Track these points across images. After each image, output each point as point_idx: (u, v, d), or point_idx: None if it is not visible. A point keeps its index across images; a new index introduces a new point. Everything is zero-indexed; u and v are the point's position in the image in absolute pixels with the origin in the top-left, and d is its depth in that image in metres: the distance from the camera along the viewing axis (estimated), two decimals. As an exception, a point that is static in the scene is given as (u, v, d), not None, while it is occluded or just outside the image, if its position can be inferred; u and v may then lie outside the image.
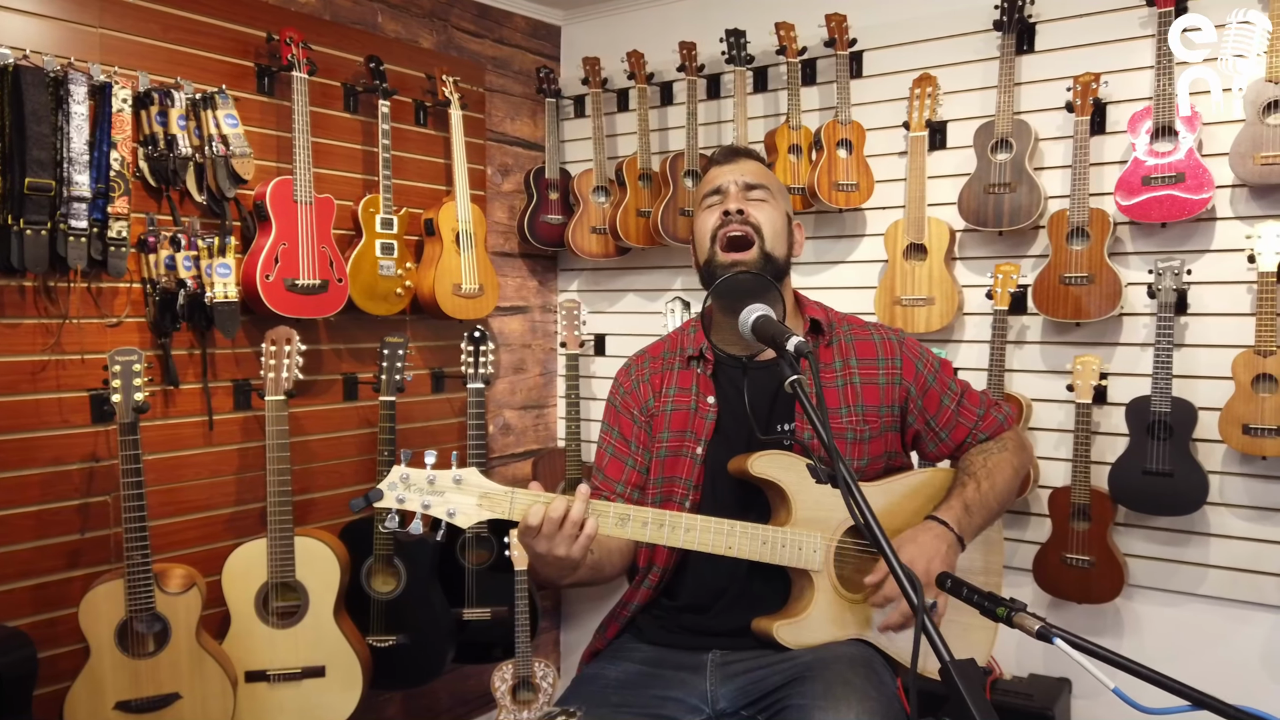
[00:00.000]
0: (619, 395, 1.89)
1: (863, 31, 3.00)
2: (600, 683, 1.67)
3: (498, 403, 3.61)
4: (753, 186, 1.79)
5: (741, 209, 1.75)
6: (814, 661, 1.56)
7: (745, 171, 1.81)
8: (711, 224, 1.78)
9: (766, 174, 1.85)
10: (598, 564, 1.68)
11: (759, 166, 1.85)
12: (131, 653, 2.33)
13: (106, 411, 2.40)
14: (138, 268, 2.52)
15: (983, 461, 1.79)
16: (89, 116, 2.33)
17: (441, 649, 2.96)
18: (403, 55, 3.18)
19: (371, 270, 2.95)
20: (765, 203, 1.78)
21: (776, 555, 1.60)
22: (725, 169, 1.82)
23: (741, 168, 1.82)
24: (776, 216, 1.79)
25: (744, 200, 1.77)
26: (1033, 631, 1.14)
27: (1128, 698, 1.10)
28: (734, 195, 1.78)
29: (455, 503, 1.43)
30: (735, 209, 1.75)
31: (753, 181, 1.79)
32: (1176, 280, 2.50)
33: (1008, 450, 1.83)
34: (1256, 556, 2.54)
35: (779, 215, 1.80)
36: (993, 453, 1.82)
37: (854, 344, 1.83)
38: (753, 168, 1.83)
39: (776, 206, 1.80)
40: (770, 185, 1.82)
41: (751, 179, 1.80)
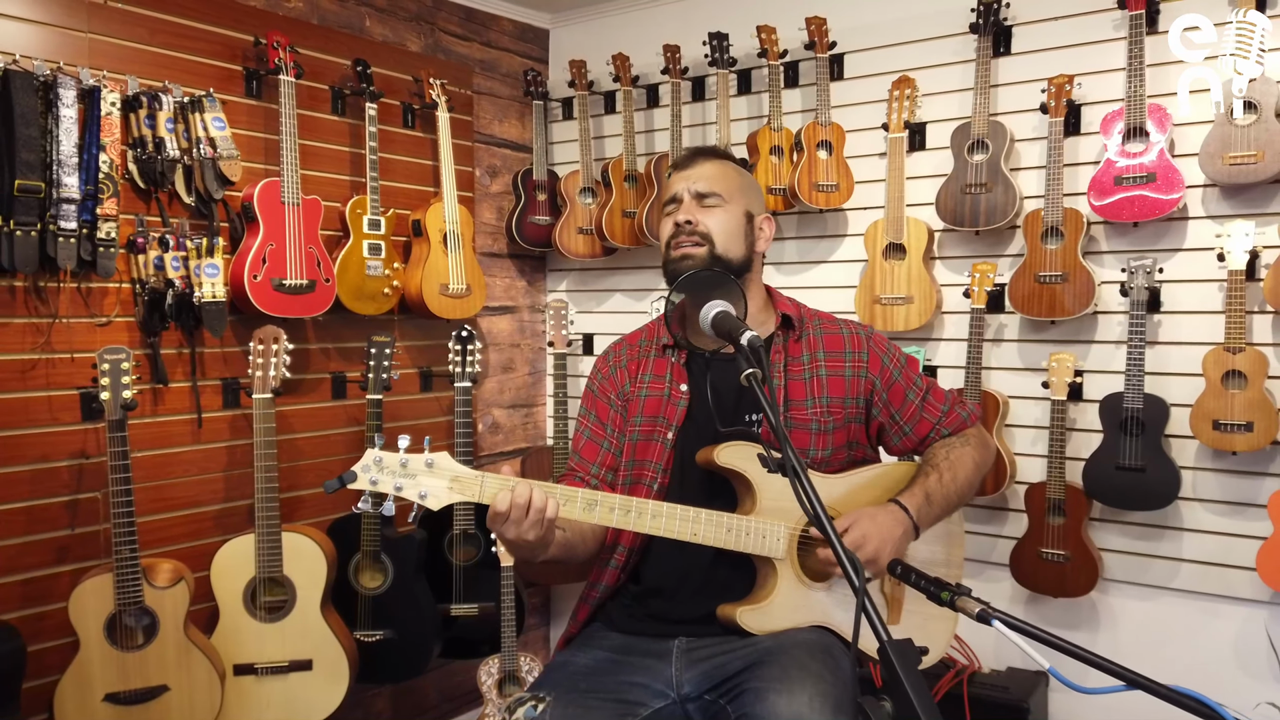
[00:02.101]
0: (596, 380, 1.94)
1: (842, 34, 3.04)
2: (569, 669, 1.71)
3: (486, 401, 3.65)
4: (704, 195, 1.81)
5: (691, 219, 1.79)
6: (773, 647, 1.60)
7: (700, 177, 1.83)
8: (666, 233, 1.84)
9: (722, 175, 1.85)
10: (569, 543, 1.72)
11: (715, 168, 1.85)
12: (120, 646, 2.37)
13: (95, 409, 2.45)
14: (127, 268, 2.57)
15: (945, 454, 1.83)
16: (78, 120, 2.38)
17: (427, 644, 3.00)
18: (390, 58, 3.23)
19: (359, 270, 2.99)
20: (717, 208, 1.81)
21: (741, 543, 1.64)
22: (681, 175, 1.85)
23: (697, 173, 1.83)
24: (729, 219, 1.81)
25: (695, 209, 1.80)
26: (973, 614, 1.18)
27: (1064, 678, 1.14)
28: (685, 205, 1.82)
29: (427, 485, 1.47)
30: (684, 220, 1.79)
31: (704, 190, 1.81)
32: (1149, 279, 2.54)
33: (970, 445, 1.88)
34: (1227, 550, 2.58)
35: (732, 217, 1.81)
36: (955, 446, 1.86)
37: (822, 337, 1.87)
38: (708, 171, 1.84)
39: (730, 209, 1.82)
40: (723, 190, 1.82)
41: (704, 186, 1.81)
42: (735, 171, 1.89)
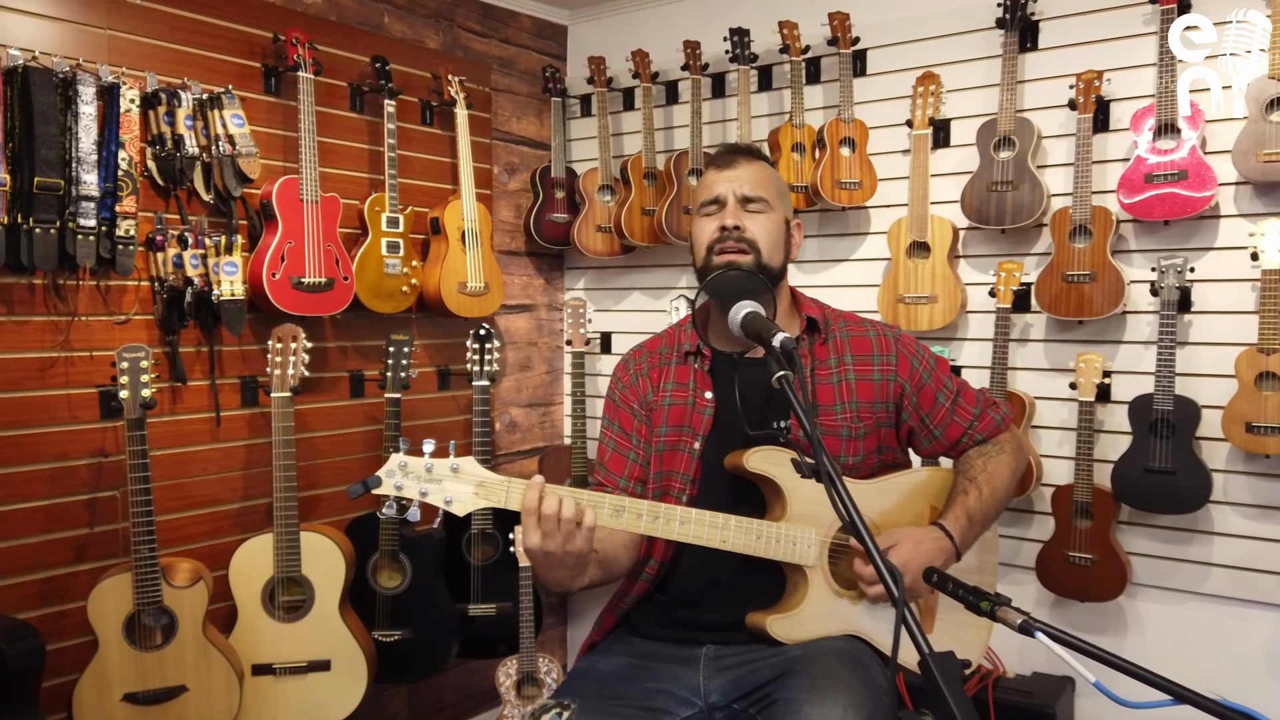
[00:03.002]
0: (618, 390, 1.89)
1: (866, 30, 3.00)
2: (594, 675, 1.68)
3: (504, 400, 3.63)
4: (750, 199, 1.75)
5: (738, 224, 1.72)
6: (803, 655, 1.56)
7: (744, 180, 1.76)
8: (708, 235, 1.75)
9: (766, 179, 1.80)
10: (605, 561, 1.68)
11: (758, 170, 1.80)
12: (139, 645, 2.36)
13: (114, 407, 2.44)
14: (145, 266, 2.56)
15: (982, 465, 1.79)
16: (97, 117, 2.36)
17: (445, 644, 2.99)
18: (408, 55, 3.20)
19: (377, 268, 2.97)
20: (762, 214, 1.75)
21: (770, 550, 1.61)
22: (723, 175, 1.77)
23: (740, 174, 1.77)
24: (773, 227, 1.76)
25: (741, 214, 1.74)
26: (1015, 625, 1.15)
27: (1109, 691, 1.11)
28: (731, 210, 1.74)
29: (452, 490, 1.45)
30: (732, 224, 1.72)
31: (750, 193, 1.75)
32: (1179, 278, 2.50)
33: (1005, 454, 1.83)
34: (1258, 555, 2.53)
35: (776, 226, 1.77)
36: (991, 456, 1.82)
37: (849, 340, 1.83)
38: (751, 173, 1.78)
39: (774, 216, 1.77)
40: (768, 195, 1.77)
41: (750, 190, 1.75)
42: (775, 175, 1.84)
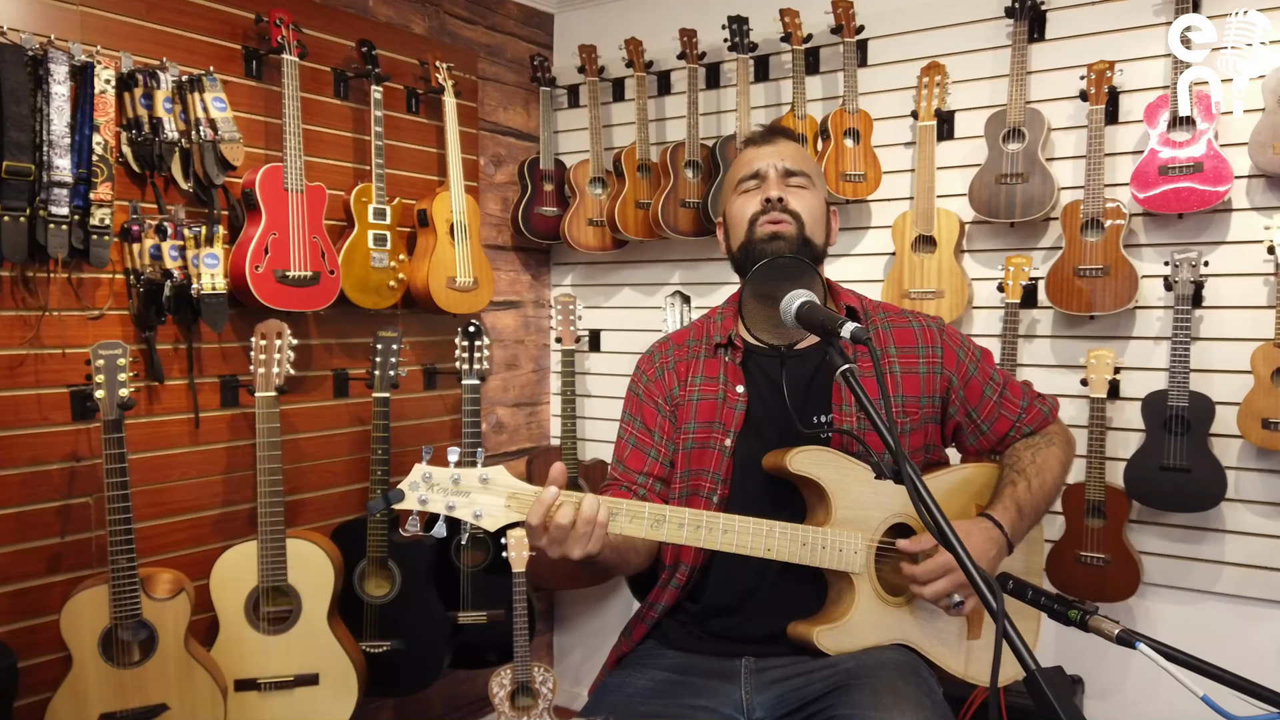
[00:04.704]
0: (641, 383, 1.80)
1: (870, 18, 2.93)
2: (627, 691, 1.58)
3: (490, 400, 3.51)
4: (792, 173, 1.72)
5: (782, 197, 1.68)
6: (858, 669, 1.48)
7: (785, 155, 1.73)
8: (750, 210, 1.71)
9: (805, 157, 1.78)
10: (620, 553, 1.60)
11: (798, 149, 1.78)
12: (116, 662, 2.21)
13: (89, 408, 2.27)
14: (120, 257, 2.40)
15: (1031, 457, 1.72)
16: (70, 98, 2.21)
17: (437, 654, 2.86)
18: (394, 40, 3.07)
19: (364, 262, 2.84)
20: (805, 189, 1.72)
21: (817, 557, 1.52)
22: (764, 150, 1.74)
23: (780, 150, 1.74)
24: (816, 204, 1.72)
25: (784, 188, 1.70)
26: (1112, 636, 1.08)
27: (1218, 706, 1.04)
28: (774, 182, 1.71)
29: (482, 504, 1.33)
30: (776, 196, 1.68)
31: (793, 168, 1.72)
32: (1194, 272, 2.46)
33: (1055, 445, 1.77)
34: (1273, 553, 2.50)
35: (818, 203, 1.73)
36: (1040, 448, 1.75)
37: (892, 332, 1.75)
38: (792, 150, 1.76)
39: (816, 194, 1.74)
40: (810, 171, 1.75)
41: (792, 164, 1.73)
42: (811, 158, 1.81)
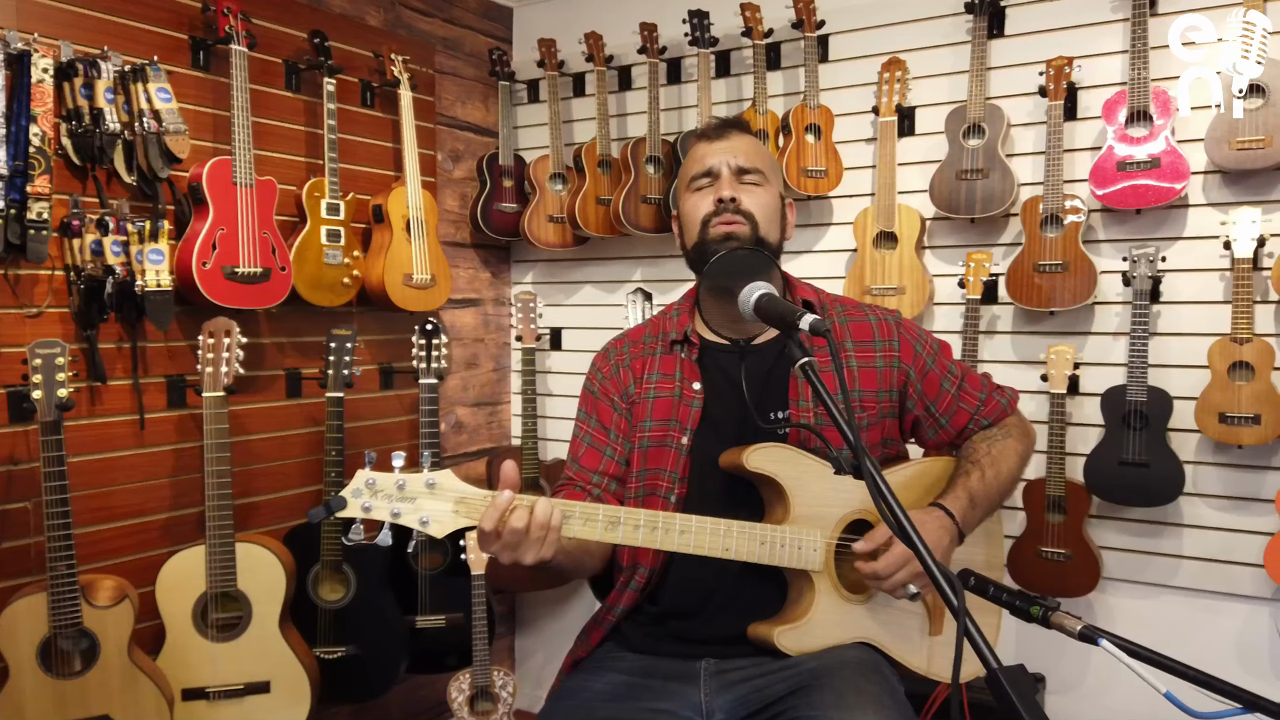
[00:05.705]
0: (597, 381, 1.76)
1: (831, 14, 2.91)
2: (584, 695, 1.54)
3: (449, 399, 3.45)
4: (746, 170, 1.69)
5: (735, 197, 1.64)
6: (820, 669, 1.45)
7: (738, 151, 1.69)
8: (703, 210, 1.67)
9: (759, 152, 1.74)
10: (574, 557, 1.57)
11: (751, 143, 1.74)
12: (56, 673, 2.13)
13: (26, 409, 2.19)
14: (60, 253, 2.32)
15: (986, 449, 1.71)
16: (5, 87, 2.12)
17: (394, 659, 2.80)
18: (348, 32, 3.00)
19: (317, 258, 2.77)
20: (759, 187, 1.69)
21: (776, 556, 1.49)
22: (716, 145, 1.70)
23: (734, 145, 1.70)
24: (769, 201, 1.69)
25: (737, 187, 1.66)
26: (1074, 633, 1.06)
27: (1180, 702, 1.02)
28: (726, 181, 1.67)
29: (428, 510, 1.28)
30: (729, 197, 1.64)
31: (746, 165, 1.69)
32: (1151, 268, 2.46)
33: (1012, 437, 1.76)
34: (1230, 547, 2.52)
35: (772, 200, 1.70)
36: (996, 440, 1.73)
37: (849, 326, 1.73)
38: (745, 145, 1.72)
39: (770, 190, 1.70)
40: (764, 166, 1.71)
41: (745, 161, 1.69)
42: (766, 150, 1.78)
